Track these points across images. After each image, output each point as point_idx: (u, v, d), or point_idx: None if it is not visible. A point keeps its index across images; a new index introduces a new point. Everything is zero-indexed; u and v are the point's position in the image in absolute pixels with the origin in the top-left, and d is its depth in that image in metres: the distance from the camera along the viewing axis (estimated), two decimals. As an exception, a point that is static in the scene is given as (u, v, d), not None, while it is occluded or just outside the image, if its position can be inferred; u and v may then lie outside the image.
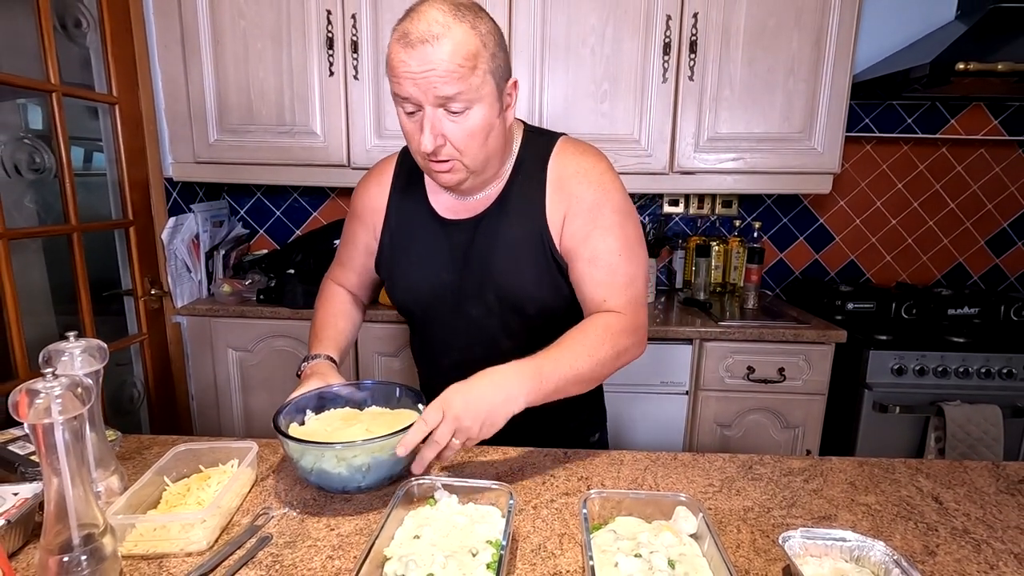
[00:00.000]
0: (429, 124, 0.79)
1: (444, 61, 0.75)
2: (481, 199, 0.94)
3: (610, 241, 0.89)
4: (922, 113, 2.16)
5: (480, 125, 0.81)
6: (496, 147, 0.86)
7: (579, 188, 0.90)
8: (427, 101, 0.78)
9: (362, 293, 1.15)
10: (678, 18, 1.79)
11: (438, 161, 0.83)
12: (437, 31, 0.75)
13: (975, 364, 1.76)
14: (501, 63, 0.82)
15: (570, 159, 0.92)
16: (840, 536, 0.67)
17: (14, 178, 1.56)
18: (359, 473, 0.78)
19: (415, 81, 0.76)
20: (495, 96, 0.82)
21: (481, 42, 0.78)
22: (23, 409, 0.54)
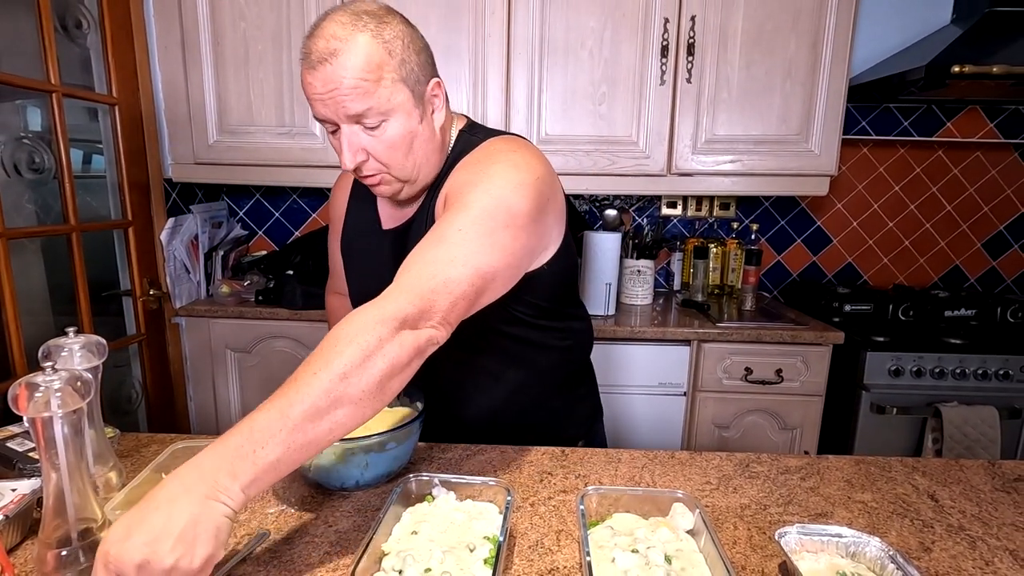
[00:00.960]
0: (346, 141, 0.77)
1: (346, 79, 0.72)
2: (414, 206, 0.91)
3: (455, 219, 0.73)
4: (918, 116, 2.17)
5: (400, 136, 0.78)
6: (425, 153, 0.83)
7: (463, 172, 0.81)
8: (339, 119, 0.76)
9: None
10: (676, 21, 1.80)
11: (366, 176, 0.82)
12: (335, 46, 0.72)
13: (972, 365, 1.77)
14: (415, 67, 0.77)
15: (481, 151, 0.84)
16: (836, 532, 0.67)
17: (13, 178, 1.57)
18: (357, 470, 0.79)
19: (323, 101, 0.75)
20: (412, 103, 0.78)
21: (386, 50, 0.74)
22: (23, 402, 0.54)
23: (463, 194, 0.76)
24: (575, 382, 1.07)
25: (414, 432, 0.83)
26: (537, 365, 0.97)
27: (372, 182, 0.83)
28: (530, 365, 0.96)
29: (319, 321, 1.89)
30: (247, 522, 0.75)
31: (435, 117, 0.83)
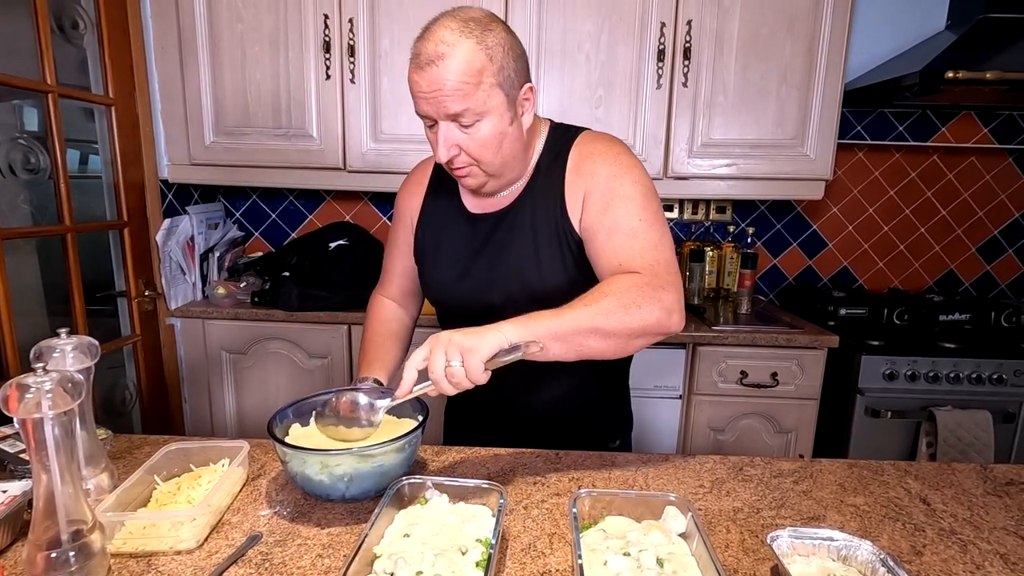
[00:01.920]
0: (442, 137, 0.85)
1: (449, 81, 0.79)
2: (507, 195, 0.97)
3: (631, 209, 0.87)
4: (913, 121, 2.18)
5: (491, 135, 0.85)
6: (512, 152, 0.89)
7: (594, 166, 0.91)
8: (439, 116, 0.83)
9: (408, 303, 1.16)
10: (672, 25, 1.81)
11: (457, 168, 0.89)
12: (443, 51, 0.79)
13: (966, 370, 1.78)
14: (511, 73, 0.84)
15: (587, 145, 0.94)
16: (828, 536, 0.67)
17: (9, 179, 1.56)
18: (341, 483, 0.76)
19: (427, 99, 0.82)
20: (505, 106, 0.84)
21: (487, 56, 0.80)
22: (12, 403, 0.54)
23: (615, 188, 0.88)
24: (622, 382, 1.13)
25: (407, 447, 0.79)
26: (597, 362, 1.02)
27: (461, 174, 0.90)
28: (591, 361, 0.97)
29: (315, 323, 1.89)
30: (239, 524, 0.75)
31: (524, 119, 0.89)
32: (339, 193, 2.31)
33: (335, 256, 2.04)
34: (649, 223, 0.86)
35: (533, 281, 0.93)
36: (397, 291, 1.14)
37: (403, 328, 1.13)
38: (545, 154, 0.96)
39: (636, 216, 0.86)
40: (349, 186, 1.97)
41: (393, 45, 1.83)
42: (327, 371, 1.92)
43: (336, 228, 2.14)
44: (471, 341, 0.71)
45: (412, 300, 1.16)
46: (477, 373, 0.71)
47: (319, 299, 1.91)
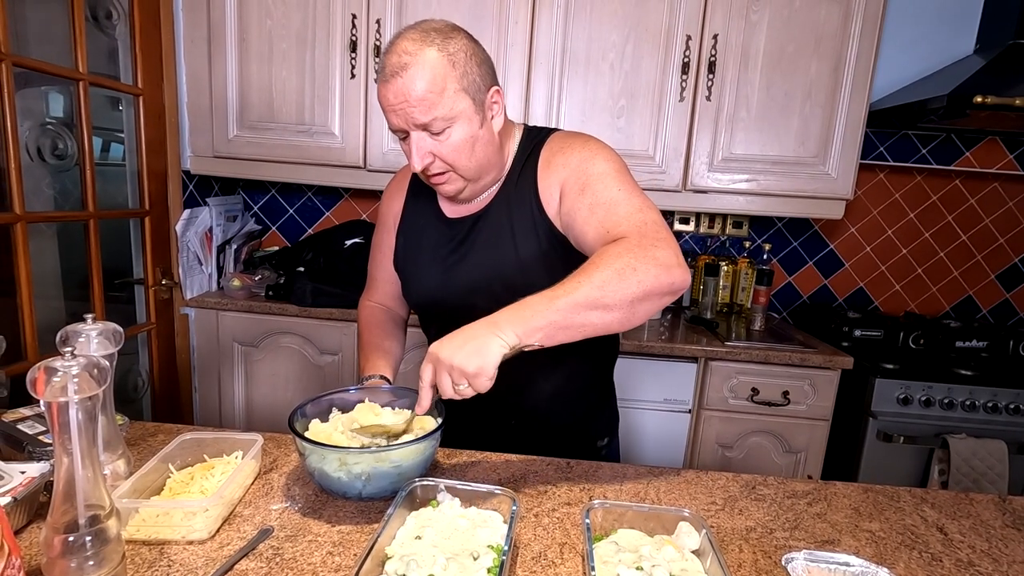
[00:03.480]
0: (415, 147, 0.86)
1: (413, 91, 0.81)
2: (483, 198, 0.98)
3: (607, 182, 0.86)
4: (937, 144, 2.16)
5: (463, 140, 0.86)
6: (486, 155, 0.91)
7: (564, 157, 0.92)
8: (409, 127, 0.85)
9: (397, 305, 1.17)
10: (698, 38, 1.81)
11: (433, 175, 0.90)
12: (405, 61, 0.80)
13: (982, 398, 1.75)
14: (476, 77, 0.85)
15: (557, 141, 0.96)
16: (844, 560, 0.66)
17: (36, 162, 1.59)
18: (359, 481, 0.77)
19: (395, 111, 0.83)
20: (473, 110, 0.86)
21: (450, 63, 0.82)
22: (40, 386, 0.54)
23: (589, 169, 0.88)
24: (608, 380, 1.13)
25: (426, 449, 0.80)
26: (590, 352, 1.01)
27: (438, 181, 0.91)
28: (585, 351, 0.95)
29: (328, 319, 1.89)
30: (251, 517, 0.75)
31: (494, 122, 0.91)
32: (357, 191, 2.33)
33: (350, 254, 2.05)
34: (628, 192, 0.86)
35: (515, 279, 0.93)
36: (384, 296, 1.15)
37: (397, 326, 1.16)
38: (519, 156, 0.97)
39: (614, 187, 0.86)
40: (368, 185, 1.98)
41: (419, 47, 1.84)
42: (337, 368, 1.93)
43: (352, 226, 2.15)
44: (473, 364, 0.71)
45: (401, 303, 1.17)
46: (486, 388, 0.74)
47: (332, 296, 1.92)
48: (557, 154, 0.93)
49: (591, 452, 1.11)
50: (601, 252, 0.78)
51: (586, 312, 0.74)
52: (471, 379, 0.72)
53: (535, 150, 0.96)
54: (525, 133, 0.99)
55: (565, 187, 0.90)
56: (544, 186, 0.93)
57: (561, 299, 0.74)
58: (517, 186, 0.95)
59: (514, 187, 0.96)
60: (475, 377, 0.72)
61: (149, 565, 0.65)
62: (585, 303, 0.74)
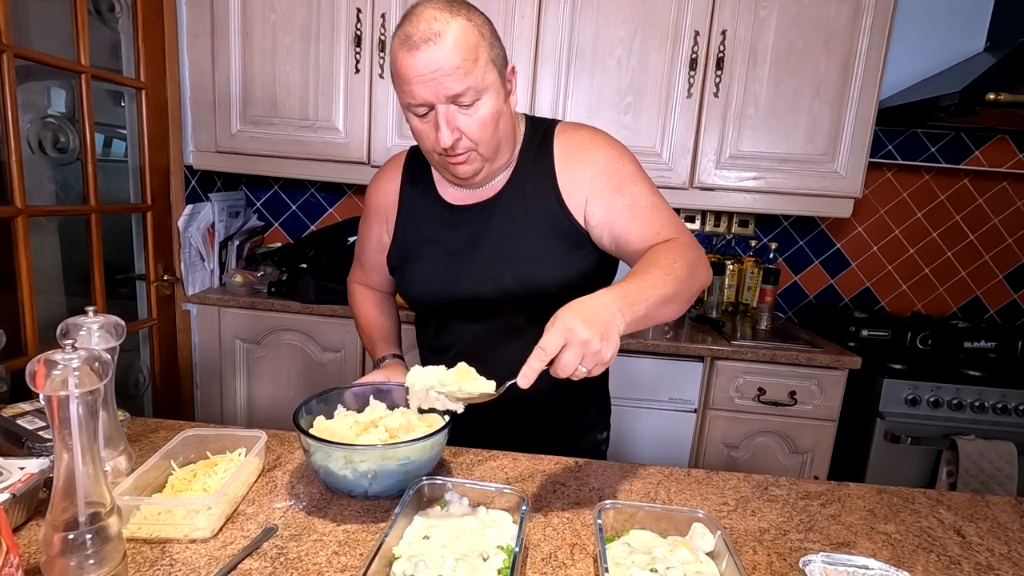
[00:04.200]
0: (444, 121, 0.81)
1: (449, 59, 0.77)
2: (489, 186, 0.95)
3: (641, 185, 0.90)
4: (946, 143, 2.14)
5: (491, 113, 0.83)
6: (506, 132, 0.89)
7: (589, 154, 0.92)
8: (438, 100, 0.80)
9: (387, 288, 1.16)
10: (706, 34, 1.79)
11: (457, 154, 0.85)
12: (438, 28, 0.77)
13: (991, 399, 1.73)
14: (499, 51, 0.84)
15: (571, 134, 0.95)
16: (862, 563, 0.65)
17: (37, 156, 1.57)
18: (364, 479, 0.75)
19: (425, 82, 0.78)
20: (499, 84, 0.84)
21: (479, 33, 0.80)
22: (40, 379, 0.53)
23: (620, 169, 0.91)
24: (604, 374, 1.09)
25: (433, 446, 0.78)
26: None
27: (459, 160, 0.86)
28: None
29: (330, 316, 1.88)
30: (254, 516, 0.74)
31: (512, 100, 0.89)
32: (360, 187, 2.31)
33: (353, 250, 2.03)
34: (659, 196, 0.91)
35: (527, 271, 0.92)
36: (376, 282, 1.14)
37: (391, 306, 1.16)
38: (527, 144, 0.95)
39: (648, 191, 0.90)
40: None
41: (424, 42, 1.82)
42: (340, 365, 1.91)
43: (355, 222, 2.13)
44: (608, 352, 0.68)
45: (391, 286, 1.15)
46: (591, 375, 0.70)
47: (335, 293, 1.90)
48: (579, 149, 0.92)
49: (593, 447, 1.10)
50: (669, 249, 0.82)
51: (667, 305, 0.77)
52: (600, 365, 0.68)
53: (545, 139, 0.95)
54: (529, 121, 0.98)
55: (595, 185, 0.90)
56: (567, 180, 0.92)
57: (657, 290, 0.75)
58: (531, 176, 0.93)
59: (527, 176, 0.94)
60: (604, 364, 0.69)
61: (151, 564, 0.64)
62: (670, 296, 0.77)
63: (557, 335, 0.67)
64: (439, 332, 1.04)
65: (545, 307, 0.91)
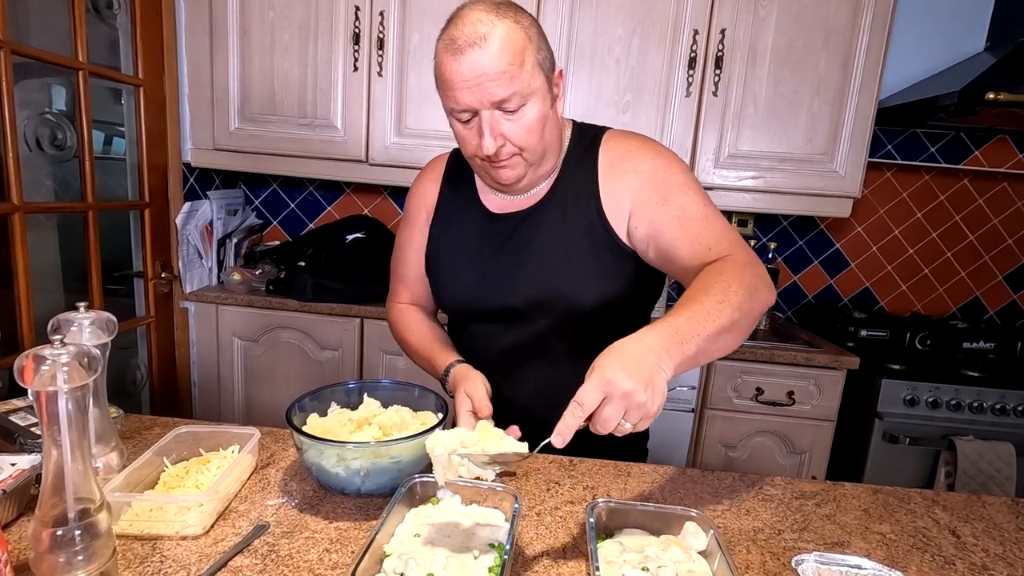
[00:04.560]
0: (488, 127, 0.79)
1: (494, 64, 0.75)
2: (531, 195, 0.92)
3: (691, 195, 0.84)
4: (946, 143, 2.13)
5: (536, 119, 0.80)
6: (552, 138, 0.86)
7: (634, 163, 0.87)
8: (483, 106, 0.78)
9: (429, 305, 1.09)
10: (705, 33, 1.78)
11: (501, 160, 0.83)
12: (483, 31, 0.74)
13: (990, 399, 1.73)
14: (547, 54, 0.81)
15: (618, 143, 0.90)
16: (855, 563, 0.65)
17: (35, 152, 1.57)
18: (357, 476, 0.75)
19: (469, 87, 0.76)
20: (546, 88, 0.81)
21: (526, 36, 0.77)
22: (28, 374, 0.53)
23: (667, 179, 0.85)
24: None
25: (424, 446, 0.77)
26: None
27: (502, 165, 0.84)
28: None
29: (328, 314, 1.88)
30: (246, 513, 0.74)
31: (558, 104, 0.86)
32: (358, 186, 2.31)
33: (351, 249, 2.03)
34: (712, 206, 0.84)
35: (562, 283, 0.88)
36: (414, 297, 1.07)
37: (437, 321, 1.07)
38: (572, 152, 0.91)
39: (700, 202, 0.84)
40: (370, 179, 1.96)
41: (423, 40, 1.82)
42: (338, 363, 1.91)
43: (353, 221, 2.14)
44: (655, 406, 0.62)
45: (432, 303, 1.09)
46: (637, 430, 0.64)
47: (333, 291, 1.90)
48: (624, 159, 0.88)
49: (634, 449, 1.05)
50: (725, 270, 0.75)
51: (723, 337, 0.70)
52: (645, 419, 0.62)
53: (591, 148, 0.90)
54: (575, 128, 0.94)
55: (640, 196, 0.85)
56: (609, 192, 0.87)
57: (711, 322, 0.68)
58: (573, 186, 0.89)
59: (569, 186, 0.90)
60: (649, 418, 0.62)
61: (141, 560, 0.64)
62: (727, 326, 0.69)
63: (595, 388, 0.60)
64: (471, 340, 1.01)
65: (580, 324, 0.90)
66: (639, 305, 0.95)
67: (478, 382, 0.85)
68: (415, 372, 1.87)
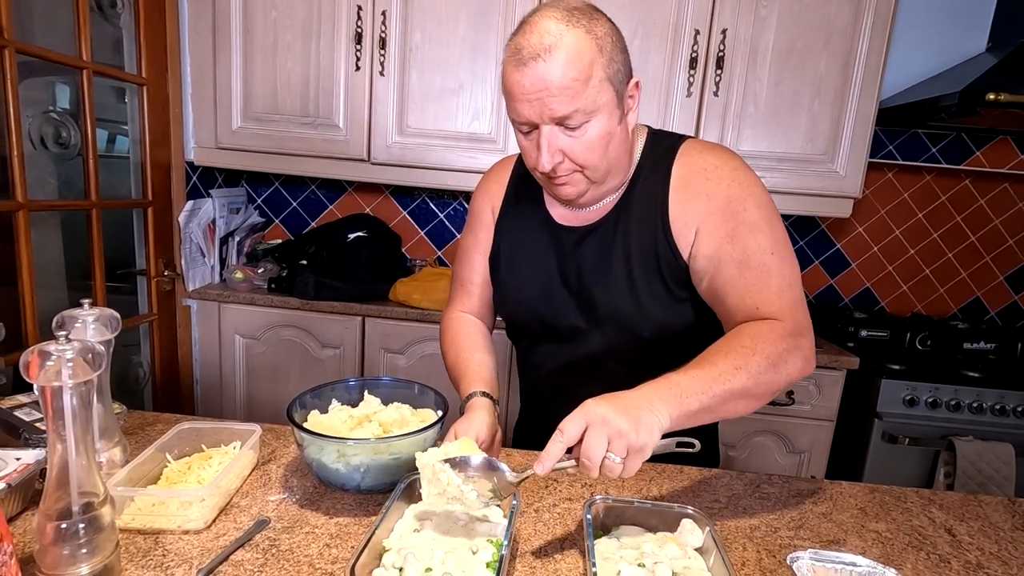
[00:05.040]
0: (546, 143, 0.75)
1: (557, 78, 0.71)
2: (599, 207, 0.88)
3: (760, 240, 0.78)
4: (947, 143, 2.13)
5: (600, 136, 0.76)
6: (618, 155, 0.80)
7: (709, 185, 0.81)
8: (543, 121, 0.74)
9: (488, 316, 1.04)
10: (706, 33, 1.79)
11: (559, 176, 0.79)
12: (549, 42, 0.70)
13: (989, 400, 1.73)
14: (620, 66, 0.75)
15: (696, 157, 0.83)
16: (850, 560, 0.65)
17: (39, 151, 1.58)
18: (357, 472, 0.75)
19: (529, 101, 0.73)
20: (614, 103, 0.76)
21: (597, 47, 0.72)
22: (34, 370, 0.53)
23: (740, 213, 0.79)
24: None
25: (425, 441, 0.77)
26: None
27: (562, 182, 0.80)
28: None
29: (330, 313, 1.89)
30: (247, 508, 0.74)
31: (630, 118, 0.81)
32: (360, 185, 2.31)
33: (353, 247, 2.04)
34: (782, 257, 0.78)
35: (622, 303, 0.84)
36: (478, 302, 1.01)
37: (487, 338, 1.00)
38: (644, 163, 0.85)
39: (768, 249, 0.77)
40: (372, 178, 1.97)
41: (424, 39, 1.83)
42: (339, 361, 1.92)
43: (355, 220, 2.15)
44: (640, 437, 0.62)
45: (491, 313, 1.04)
46: (632, 472, 0.64)
47: (335, 289, 1.91)
48: (699, 177, 0.81)
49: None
50: (756, 335, 0.73)
51: (735, 400, 0.69)
52: (632, 452, 0.62)
53: (664, 160, 0.84)
54: (650, 137, 0.88)
55: (706, 223, 0.80)
56: (678, 212, 0.82)
57: (719, 386, 0.68)
58: (641, 201, 0.84)
59: (637, 201, 0.84)
60: (638, 451, 0.62)
61: (144, 554, 0.64)
62: (739, 392, 0.69)
63: (576, 417, 0.63)
64: (528, 352, 0.99)
65: (637, 350, 0.86)
66: (704, 332, 0.86)
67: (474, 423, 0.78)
68: (415, 370, 1.89)
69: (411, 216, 2.33)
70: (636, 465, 0.63)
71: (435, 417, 0.83)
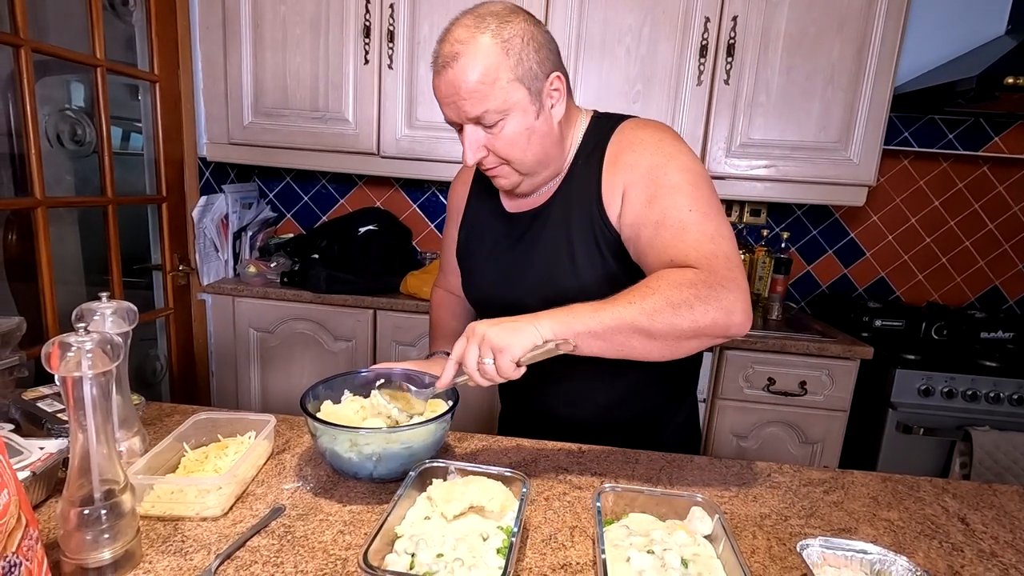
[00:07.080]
0: (467, 140, 0.83)
1: (464, 83, 0.77)
2: (543, 192, 0.93)
3: (679, 199, 0.78)
4: (964, 129, 2.10)
5: (517, 132, 0.81)
6: (543, 147, 0.85)
7: (635, 155, 0.83)
8: (462, 120, 0.82)
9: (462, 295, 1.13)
10: (716, 20, 1.76)
11: (488, 169, 0.87)
12: (456, 50, 0.77)
13: (1007, 390, 1.70)
14: (533, 64, 0.79)
15: (627, 134, 0.87)
16: (861, 548, 0.65)
17: (56, 148, 1.61)
18: (369, 461, 0.76)
19: (447, 104, 0.81)
20: (528, 100, 0.80)
21: (503, 50, 0.77)
22: (55, 361, 0.55)
23: (660, 178, 0.80)
24: (686, 388, 1.05)
25: (436, 431, 0.79)
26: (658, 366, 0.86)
27: (493, 175, 0.88)
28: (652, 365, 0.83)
29: (342, 306, 1.91)
30: (263, 496, 0.76)
31: (554, 111, 0.85)
32: (371, 179, 2.33)
33: (364, 241, 2.06)
34: (702, 213, 0.77)
35: (566, 281, 0.88)
36: (454, 287, 1.13)
37: (463, 309, 1.14)
38: (583, 147, 0.90)
39: (686, 207, 0.78)
40: (382, 171, 1.98)
41: (433, 32, 1.83)
42: (351, 354, 1.94)
43: (366, 213, 2.16)
44: (504, 340, 0.70)
45: None
46: (508, 371, 0.71)
47: (347, 283, 1.93)
48: (626, 150, 0.85)
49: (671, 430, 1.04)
50: (661, 275, 0.74)
51: (628, 333, 0.71)
52: (497, 354, 0.71)
53: (601, 142, 0.87)
54: (593, 121, 0.91)
55: (629, 192, 0.82)
56: (608, 186, 0.85)
57: (606, 312, 0.71)
58: (579, 181, 0.88)
59: (575, 182, 0.89)
60: (501, 352, 0.70)
61: (164, 540, 0.66)
62: (630, 326, 0.71)
63: (461, 338, 0.74)
64: None
65: None
66: None
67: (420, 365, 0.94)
68: (427, 362, 1.90)
69: (421, 209, 2.34)
70: (506, 362, 0.71)
71: (445, 407, 0.84)
